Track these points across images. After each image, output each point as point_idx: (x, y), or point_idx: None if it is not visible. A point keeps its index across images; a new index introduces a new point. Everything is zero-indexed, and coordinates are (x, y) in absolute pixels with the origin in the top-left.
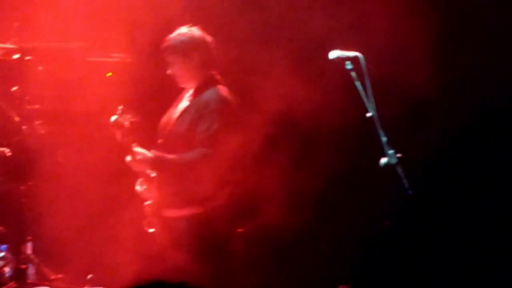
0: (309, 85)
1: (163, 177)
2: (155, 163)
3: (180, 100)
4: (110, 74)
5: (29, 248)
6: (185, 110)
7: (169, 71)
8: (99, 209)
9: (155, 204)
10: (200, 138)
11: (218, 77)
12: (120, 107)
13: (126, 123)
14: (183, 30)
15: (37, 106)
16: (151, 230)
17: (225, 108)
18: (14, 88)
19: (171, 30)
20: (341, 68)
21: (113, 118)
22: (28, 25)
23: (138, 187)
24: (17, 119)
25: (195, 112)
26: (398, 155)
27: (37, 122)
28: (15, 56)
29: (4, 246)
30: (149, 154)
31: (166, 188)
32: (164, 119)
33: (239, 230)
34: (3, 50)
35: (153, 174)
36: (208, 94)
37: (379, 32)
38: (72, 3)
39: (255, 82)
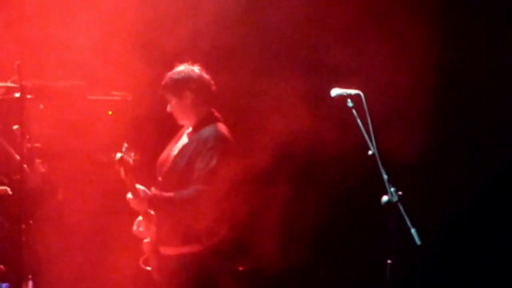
0: (310, 121)
1: (161, 214)
2: (152, 202)
3: (180, 137)
4: (110, 112)
5: (29, 287)
6: (184, 147)
7: (168, 109)
8: (99, 247)
9: (153, 242)
10: (198, 175)
11: (217, 114)
12: (125, 145)
13: (130, 160)
14: (180, 68)
15: (37, 145)
16: (148, 268)
17: (223, 145)
18: (15, 127)
19: (172, 67)
20: (342, 106)
21: (118, 155)
22: (29, 64)
23: (134, 228)
24: (17, 157)
25: (194, 149)
26: (400, 193)
27: (37, 161)
28: (16, 95)
29: (5, 285)
30: (148, 192)
31: (164, 226)
32: (163, 156)
33: (239, 268)
34: (3, 88)
35: (152, 212)
36: (207, 131)
37: (380, 69)
38: (72, 41)
39: (257, 116)
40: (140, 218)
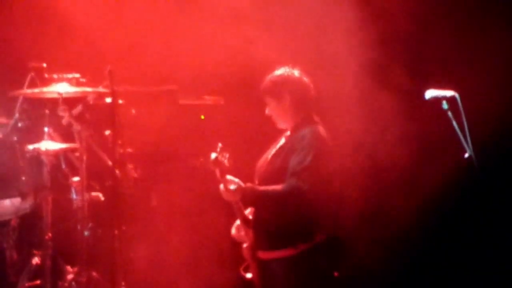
0: (407, 124)
1: (258, 217)
2: (246, 194)
3: (278, 142)
4: (203, 116)
5: None
6: (280, 148)
7: (266, 112)
8: (193, 253)
9: (251, 246)
10: (293, 172)
11: (316, 118)
12: (220, 145)
13: (225, 161)
14: (280, 71)
15: (129, 150)
16: (248, 275)
17: (319, 144)
18: (107, 132)
19: (265, 72)
20: (437, 108)
21: (213, 155)
22: (120, 69)
23: (234, 231)
24: (110, 163)
25: (289, 148)
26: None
27: (130, 166)
28: (107, 100)
29: None
30: (242, 184)
31: (260, 229)
32: (261, 160)
33: (335, 273)
34: (95, 94)
35: (250, 216)
36: (304, 131)
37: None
38: (164, 46)
39: (353, 118)
40: (238, 222)
